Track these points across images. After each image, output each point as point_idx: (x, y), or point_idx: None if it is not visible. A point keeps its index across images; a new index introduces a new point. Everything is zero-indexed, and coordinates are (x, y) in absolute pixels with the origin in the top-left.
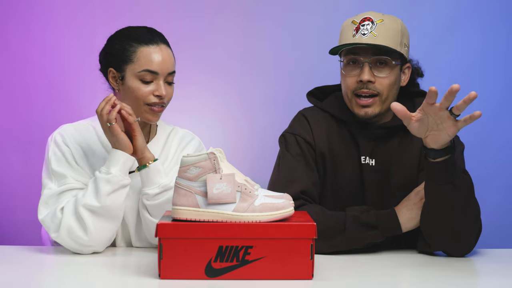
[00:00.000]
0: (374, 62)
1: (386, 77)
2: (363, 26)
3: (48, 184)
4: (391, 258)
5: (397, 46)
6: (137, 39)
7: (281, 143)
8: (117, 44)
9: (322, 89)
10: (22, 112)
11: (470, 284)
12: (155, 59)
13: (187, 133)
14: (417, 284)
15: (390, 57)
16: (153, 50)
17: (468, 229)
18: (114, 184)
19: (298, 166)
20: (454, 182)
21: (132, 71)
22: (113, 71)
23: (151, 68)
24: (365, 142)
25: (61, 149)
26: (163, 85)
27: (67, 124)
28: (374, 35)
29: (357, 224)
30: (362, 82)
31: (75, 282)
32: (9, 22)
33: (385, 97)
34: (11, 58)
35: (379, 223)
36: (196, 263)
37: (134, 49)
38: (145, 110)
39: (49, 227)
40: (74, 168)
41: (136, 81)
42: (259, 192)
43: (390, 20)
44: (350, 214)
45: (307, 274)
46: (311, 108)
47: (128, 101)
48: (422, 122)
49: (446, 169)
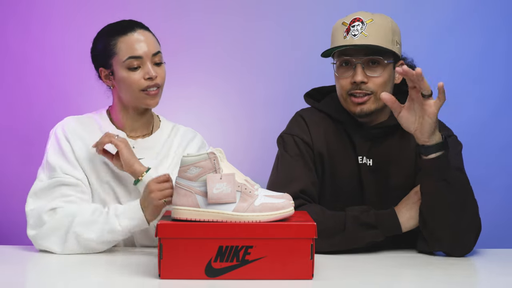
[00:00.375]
0: (366, 62)
1: (379, 77)
2: (353, 27)
3: (40, 175)
4: (391, 258)
5: (389, 44)
6: (116, 32)
7: (279, 144)
8: (100, 43)
9: (319, 90)
10: (22, 112)
11: (470, 284)
12: (135, 44)
13: (189, 130)
14: (417, 284)
15: (382, 57)
16: (131, 37)
17: (467, 228)
18: (116, 237)
19: (297, 166)
20: (447, 179)
21: (118, 63)
22: (103, 70)
23: (134, 54)
24: (361, 142)
25: (60, 143)
26: (151, 67)
27: (70, 117)
28: (364, 35)
29: (357, 224)
30: (355, 83)
31: (75, 282)
32: (9, 22)
33: (379, 95)
34: (11, 58)
35: (379, 223)
36: (196, 263)
37: (115, 41)
38: (142, 97)
39: (29, 223)
40: (70, 162)
41: (124, 71)
42: (259, 192)
43: (380, 19)
44: (350, 214)
45: (307, 274)
46: (309, 109)
47: (124, 93)
48: (409, 111)
49: (439, 166)
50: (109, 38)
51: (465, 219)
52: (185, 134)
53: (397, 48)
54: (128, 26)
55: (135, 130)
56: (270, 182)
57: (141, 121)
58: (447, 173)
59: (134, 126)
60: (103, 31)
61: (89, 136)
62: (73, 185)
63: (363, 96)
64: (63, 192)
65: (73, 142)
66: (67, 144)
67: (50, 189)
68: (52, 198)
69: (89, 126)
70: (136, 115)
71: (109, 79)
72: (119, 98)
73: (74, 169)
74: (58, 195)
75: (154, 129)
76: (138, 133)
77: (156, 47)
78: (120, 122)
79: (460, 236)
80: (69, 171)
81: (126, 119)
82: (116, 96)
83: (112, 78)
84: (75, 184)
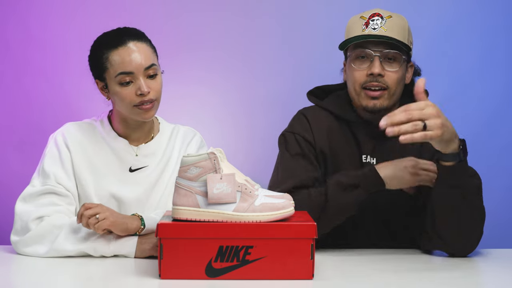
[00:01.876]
0: (384, 56)
1: (396, 72)
2: (373, 21)
3: (33, 181)
4: (392, 258)
5: (406, 42)
6: (106, 45)
7: (281, 144)
8: (93, 55)
9: (323, 88)
10: (22, 112)
11: (471, 284)
12: (125, 59)
13: (189, 130)
14: (418, 284)
15: (401, 52)
16: (122, 51)
17: (471, 231)
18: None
19: (296, 165)
20: (461, 187)
21: (110, 78)
22: (98, 82)
23: (124, 70)
24: (366, 140)
25: (60, 150)
26: (143, 82)
27: (71, 123)
28: (384, 29)
29: (338, 189)
30: (372, 75)
31: (75, 282)
32: (9, 22)
33: (393, 92)
34: (11, 58)
35: (361, 181)
36: (197, 263)
37: (106, 55)
38: (136, 112)
39: (15, 227)
40: (66, 171)
41: (116, 86)
42: (259, 192)
43: (397, 17)
44: (330, 182)
45: (307, 274)
46: (312, 107)
47: (119, 106)
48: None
49: (454, 173)
50: (102, 51)
51: (472, 222)
52: (186, 135)
53: (410, 48)
54: (120, 39)
55: (138, 139)
56: (270, 183)
57: (141, 130)
58: (462, 180)
59: (135, 136)
60: (96, 42)
61: (89, 144)
62: (63, 196)
63: (378, 90)
64: (52, 201)
65: (73, 150)
66: (66, 152)
67: (40, 195)
68: (41, 205)
69: (90, 133)
70: (136, 126)
71: (105, 91)
72: (117, 109)
73: (68, 180)
74: (47, 202)
75: (154, 133)
76: (141, 140)
77: (149, 60)
78: (121, 130)
79: (464, 238)
80: (62, 181)
81: (127, 129)
82: (114, 107)
83: (106, 91)
84: (65, 195)
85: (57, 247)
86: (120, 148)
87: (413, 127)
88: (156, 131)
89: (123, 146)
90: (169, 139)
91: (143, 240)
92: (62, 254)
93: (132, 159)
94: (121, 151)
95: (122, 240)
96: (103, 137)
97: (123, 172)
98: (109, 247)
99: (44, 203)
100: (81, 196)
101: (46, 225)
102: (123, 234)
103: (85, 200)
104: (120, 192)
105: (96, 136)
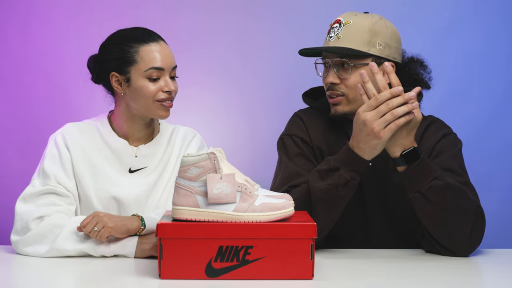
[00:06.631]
0: (339, 64)
1: (349, 79)
2: (333, 28)
3: (34, 181)
4: (392, 258)
5: (364, 46)
6: (135, 39)
7: (279, 148)
8: (114, 48)
9: (318, 89)
10: (22, 112)
11: (471, 284)
12: (158, 56)
13: (189, 131)
14: (418, 284)
15: (354, 59)
16: (155, 47)
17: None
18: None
19: (295, 166)
20: (422, 191)
21: (138, 71)
22: (116, 75)
23: (156, 65)
24: None
25: (60, 150)
26: (170, 80)
27: (71, 124)
28: (338, 37)
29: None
30: (328, 84)
31: (75, 282)
32: (9, 22)
33: (352, 97)
34: (11, 58)
35: (341, 162)
36: (196, 263)
37: (135, 49)
38: (157, 107)
39: (15, 227)
40: (66, 171)
41: (143, 80)
42: (259, 192)
43: (360, 20)
44: (312, 174)
45: (307, 274)
46: (307, 109)
47: (137, 101)
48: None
49: (409, 178)
50: (128, 44)
51: (455, 220)
52: (186, 136)
53: (378, 50)
54: (149, 35)
55: (139, 139)
56: (271, 188)
57: (146, 131)
58: (421, 184)
59: (138, 135)
60: (117, 36)
61: (89, 145)
62: (64, 196)
63: (336, 97)
64: (53, 201)
65: (72, 151)
66: (66, 152)
67: (40, 195)
68: (41, 205)
69: (90, 134)
70: (142, 125)
71: (121, 85)
72: (128, 106)
73: (68, 180)
74: (47, 202)
75: (154, 133)
76: (142, 141)
77: (175, 61)
78: (123, 130)
79: (454, 237)
80: (62, 181)
81: (131, 129)
82: (124, 104)
83: (126, 85)
84: (65, 195)
85: (57, 247)
86: (120, 148)
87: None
88: (156, 132)
89: (122, 146)
90: (169, 140)
91: (143, 240)
92: (62, 254)
93: (131, 160)
94: (121, 152)
95: (122, 240)
96: (103, 137)
97: (122, 173)
98: (109, 247)
99: (45, 203)
100: (81, 196)
101: (47, 224)
102: (125, 236)
103: (85, 200)
104: (120, 193)
105: (96, 137)
